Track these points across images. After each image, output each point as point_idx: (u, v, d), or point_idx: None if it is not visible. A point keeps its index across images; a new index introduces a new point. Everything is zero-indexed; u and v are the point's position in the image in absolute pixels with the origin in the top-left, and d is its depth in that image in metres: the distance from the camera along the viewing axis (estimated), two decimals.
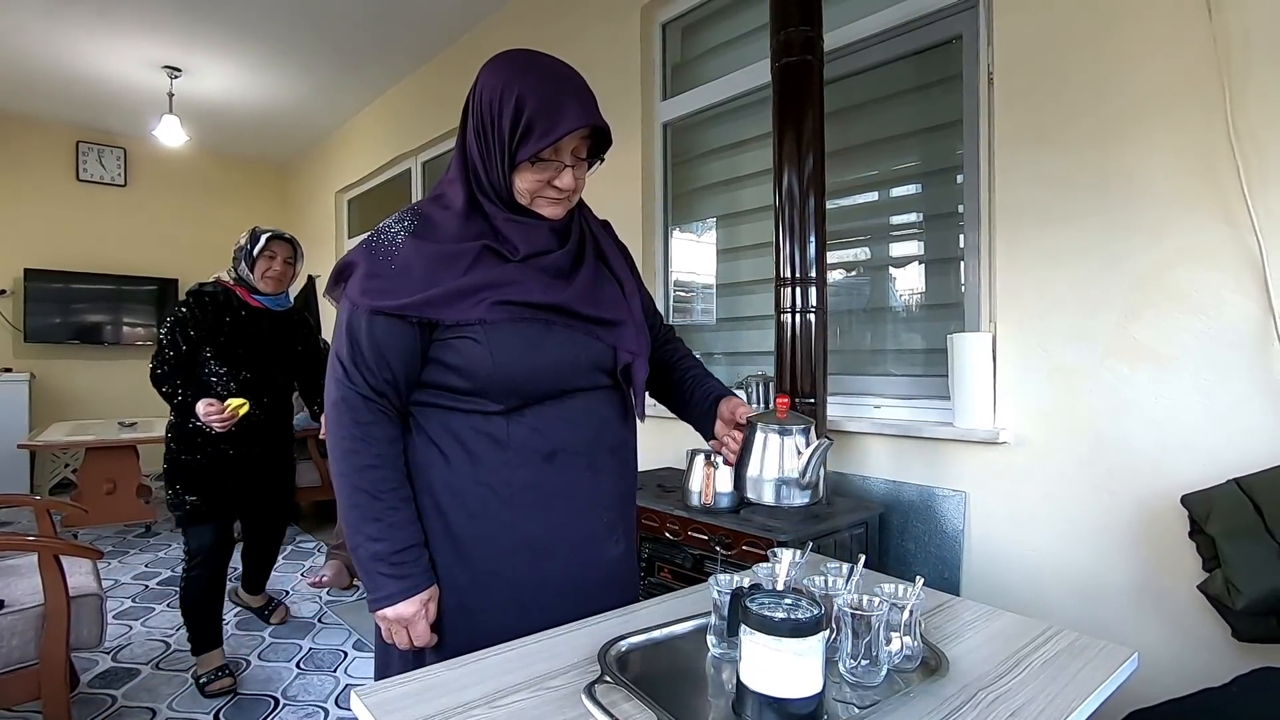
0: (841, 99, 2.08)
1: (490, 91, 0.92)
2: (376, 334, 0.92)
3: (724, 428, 1.06)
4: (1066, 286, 1.57)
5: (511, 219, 0.96)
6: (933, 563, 1.76)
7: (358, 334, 0.92)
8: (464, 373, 0.93)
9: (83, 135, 5.27)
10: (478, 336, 0.92)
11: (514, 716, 0.73)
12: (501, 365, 0.92)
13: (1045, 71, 1.60)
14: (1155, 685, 1.22)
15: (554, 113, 0.90)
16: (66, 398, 5.22)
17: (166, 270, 5.61)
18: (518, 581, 0.97)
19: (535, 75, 0.92)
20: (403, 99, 4.36)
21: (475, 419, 0.96)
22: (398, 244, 0.93)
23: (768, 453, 0.94)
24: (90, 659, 2.33)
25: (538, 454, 0.97)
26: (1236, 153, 1.32)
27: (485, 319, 0.92)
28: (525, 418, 0.96)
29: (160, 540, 3.79)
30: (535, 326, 0.95)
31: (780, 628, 0.69)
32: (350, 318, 0.93)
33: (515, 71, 0.92)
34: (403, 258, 0.92)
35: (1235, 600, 1.15)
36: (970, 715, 0.75)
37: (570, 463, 0.99)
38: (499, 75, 0.93)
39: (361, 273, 0.93)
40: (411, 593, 0.92)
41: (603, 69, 2.79)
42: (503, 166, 0.93)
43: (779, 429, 0.93)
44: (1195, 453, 1.38)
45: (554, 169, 0.94)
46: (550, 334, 0.96)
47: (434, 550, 0.97)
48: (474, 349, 0.92)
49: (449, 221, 0.95)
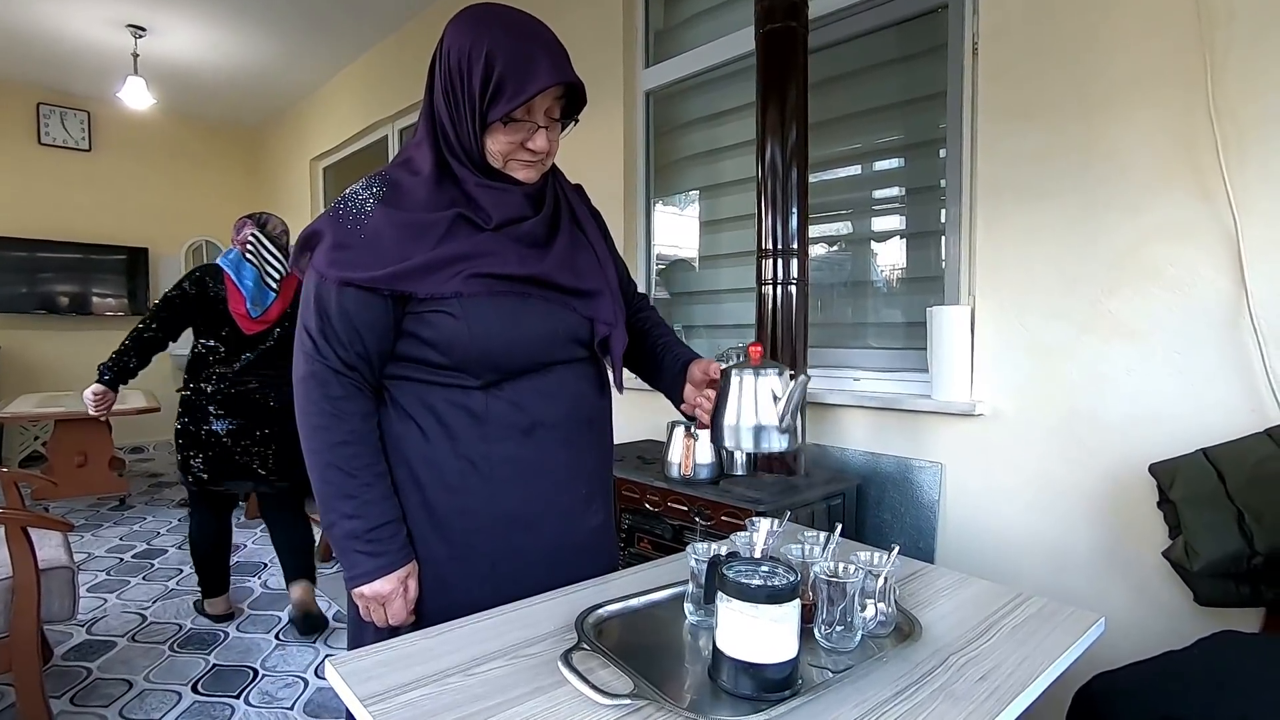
0: (825, 69, 2.05)
1: (458, 49, 0.88)
2: (347, 306, 0.88)
3: (694, 391, 1.03)
4: (1045, 262, 1.58)
5: (484, 184, 0.93)
6: (909, 533, 1.79)
7: (327, 306, 0.89)
8: (440, 347, 0.91)
9: (44, 97, 5.07)
10: (454, 311, 0.89)
11: (490, 684, 0.73)
12: (479, 340, 0.90)
13: (1030, 44, 1.58)
14: (1121, 649, 1.25)
15: (525, 70, 0.86)
16: (35, 369, 5.09)
17: (136, 239, 5.46)
18: (495, 554, 0.96)
19: (504, 30, 0.88)
20: (379, 63, 4.24)
21: (453, 393, 0.94)
22: (366, 212, 0.89)
23: (744, 398, 0.90)
24: (65, 632, 2.30)
25: (516, 428, 0.95)
26: (1216, 130, 1.32)
27: (461, 292, 0.89)
28: (504, 392, 0.94)
29: (135, 514, 3.74)
30: (512, 299, 0.92)
31: (757, 594, 0.69)
32: (318, 289, 0.89)
33: (483, 27, 0.88)
34: (372, 226, 0.89)
35: (1193, 563, 1.18)
36: (941, 678, 0.76)
37: (548, 436, 0.98)
38: (467, 31, 0.88)
39: (328, 243, 0.89)
40: (388, 569, 0.91)
41: (584, 35, 2.73)
42: (473, 127, 0.89)
43: (754, 372, 0.90)
44: (1166, 425, 1.41)
45: (527, 130, 0.91)
46: (528, 306, 0.94)
47: (411, 523, 0.95)
48: (450, 323, 0.89)
49: (418, 188, 0.92)
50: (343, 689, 0.71)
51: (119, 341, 2.30)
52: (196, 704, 1.91)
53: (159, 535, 3.39)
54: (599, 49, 2.68)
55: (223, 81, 4.86)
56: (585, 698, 0.69)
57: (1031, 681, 0.75)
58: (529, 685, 0.72)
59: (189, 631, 2.35)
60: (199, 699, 1.93)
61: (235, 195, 6.05)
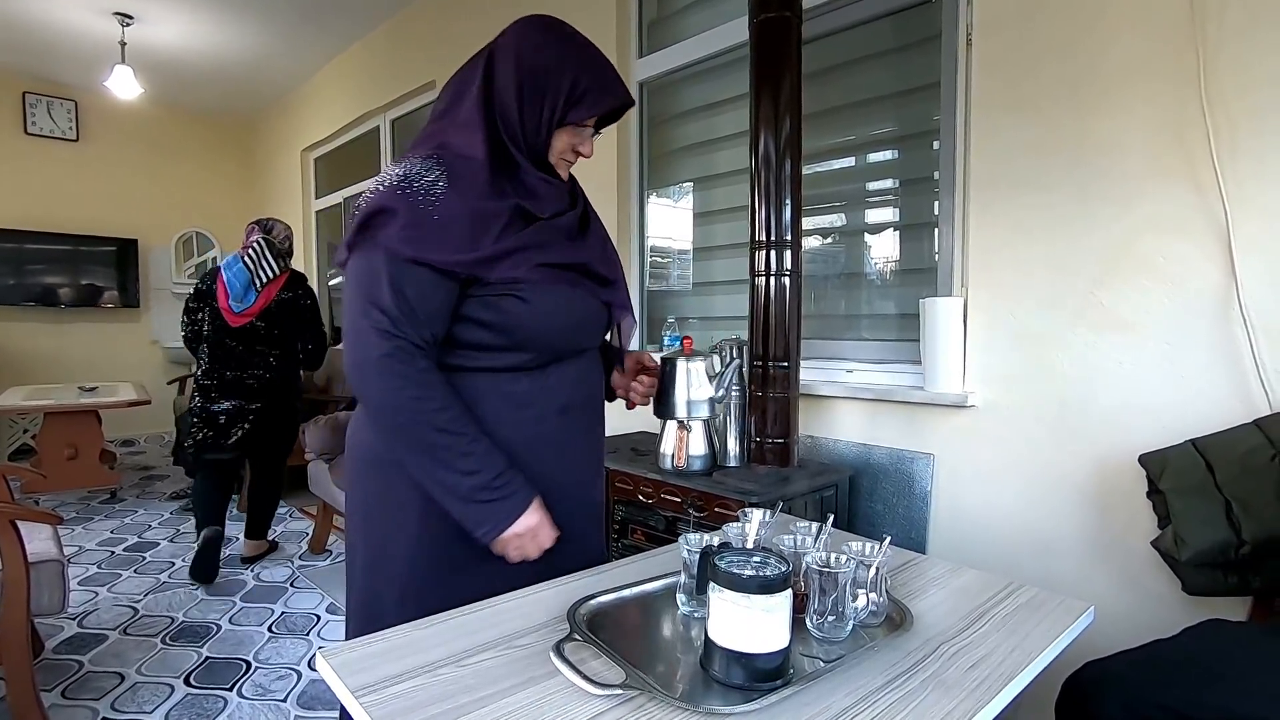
0: (819, 60, 2.04)
1: (542, 52, 0.98)
2: (423, 286, 0.91)
3: (624, 378, 1.22)
4: (1037, 253, 1.58)
5: (541, 176, 1.00)
6: (901, 523, 1.80)
7: (402, 284, 0.90)
8: (502, 330, 0.96)
9: (30, 86, 5.00)
10: (524, 294, 0.95)
11: (481, 675, 0.72)
12: (541, 321, 0.97)
13: (1024, 36, 1.58)
14: (1111, 638, 1.26)
15: (605, 86, 1.00)
16: (23, 362, 5.05)
17: (125, 230, 5.41)
18: None
19: (586, 47, 1.02)
20: (370, 53, 4.20)
21: (502, 378, 0.99)
22: (437, 193, 0.91)
23: (692, 377, 1.23)
24: (56, 625, 2.29)
25: (553, 409, 1.03)
26: (1208, 123, 1.32)
27: (531, 278, 0.96)
28: (547, 375, 1.02)
29: (126, 507, 3.73)
30: (566, 286, 1.00)
31: (748, 584, 0.69)
32: (391, 267, 0.90)
33: (568, 41, 1.01)
34: (444, 210, 0.91)
35: (1182, 552, 1.19)
36: (932, 667, 0.76)
37: (576, 417, 1.07)
38: (552, 41, 1.00)
39: (402, 221, 0.90)
40: (528, 502, 0.96)
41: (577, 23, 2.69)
42: (549, 124, 0.98)
43: (688, 359, 1.25)
44: (1156, 416, 1.42)
45: (584, 135, 1.04)
46: (575, 294, 1.02)
47: None
48: (518, 306, 0.95)
49: (478, 172, 0.95)
50: (334, 680, 0.71)
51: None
52: (189, 696, 1.90)
53: (150, 528, 3.37)
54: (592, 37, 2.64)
55: (212, 71, 4.81)
56: (577, 688, 0.69)
57: (1021, 670, 0.76)
58: (521, 676, 0.72)
59: (181, 624, 2.34)
60: (191, 691, 1.93)
61: (226, 186, 6.00)
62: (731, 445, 1.82)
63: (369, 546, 1.05)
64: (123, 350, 5.42)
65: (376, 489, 1.02)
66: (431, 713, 0.65)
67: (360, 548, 1.06)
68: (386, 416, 0.92)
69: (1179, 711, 0.86)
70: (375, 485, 1.03)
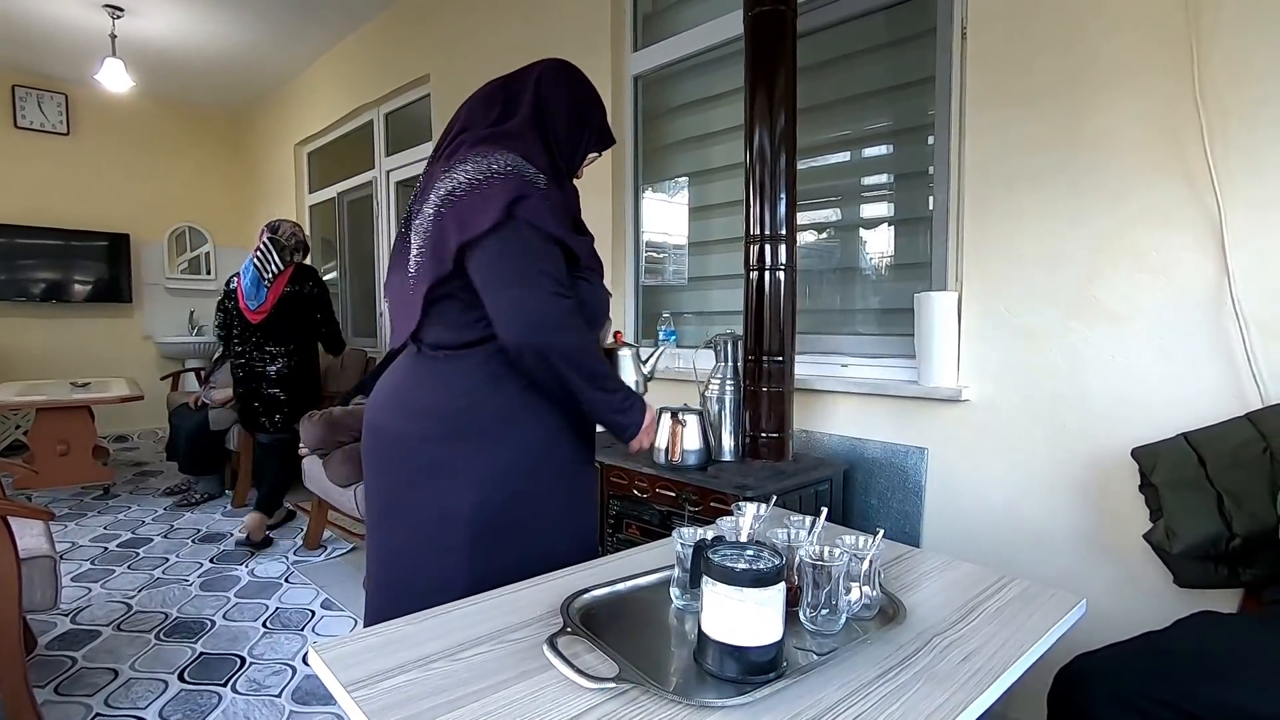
0: (814, 54, 2.04)
1: (588, 94, 1.23)
2: (559, 258, 1.08)
3: None
4: (1031, 247, 1.58)
5: (575, 192, 1.24)
6: (895, 517, 1.81)
7: (553, 255, 1.06)
8: (586, 307, 1.12)
9: (20, 79, 4.95)
10: (591, 280, 1.16)
11: (475, 669, 0.72)
12: (603, 303, 1.21)
13: (1019, 30, 1.58)
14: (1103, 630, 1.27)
15: (607, 123, 1.29)
16: (15, 358, 5.01)
17: (117, 224, 5.37)
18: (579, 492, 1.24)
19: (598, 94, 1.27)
20: (364, 46, 4.17)
21: None
22: (542, 183, 1.07)
23: (622, 364, 1.37)
24: (49, 621, 2.28)
25: None
26: (1202, 116, 1.33)
27: (592, 265, 1.19)
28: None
29: (120, 502, 3.71)
30: (599, 277, 1.22)
31: (741, 578, 0.69)
32: (541, 241, 1.05)
33: (592, 86, 1.25)
34: (553, 201, 1.08)
35: (1174, 545, 1.20)
36: (924, 660, 0.77)
37: None
38: (588, 84, 1.24)
39: (535, 202, 1.04)
40: (646, 407, 1.21)
41: (571, 18, 2.70)
42: (584, 148, 1.22)
43: (622, 347, 1.40)
44: (1149, 410, 1.42)
45: (592, 159, 1.27)
46: (601, 284, 1.23)
47: (542, 474, 1.13)
48: (589, 289, 1.15)
49: (552, 178, 1.12)
50: (326, 675, 0.71)
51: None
52: (183, 692, 1.90)
53: (144, 524, 3.36)
54: (587, 32, 2.65)
55: (204, 64, 4.77)
56: (570, 682, 0.69)
57: (1013, 662, 0.76)
58: (514, 670, 0.72)
59: (175, 620, 2.33)
60: (186, 687, 1.92)
61: (218, 180, 5.96)
62: (726, 440, 1.82)
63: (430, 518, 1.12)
64: (115, 346, 5.39)
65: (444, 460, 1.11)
66: (424, 706, 0.65)
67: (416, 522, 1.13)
68: (575, 357, 1.07)
69: (1171, 703, 0.87)
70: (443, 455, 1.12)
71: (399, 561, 1.14)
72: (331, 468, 2.63)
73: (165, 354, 5.56)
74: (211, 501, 3.73)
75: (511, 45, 3.01)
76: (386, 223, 4.22)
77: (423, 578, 1.10)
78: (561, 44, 2.74)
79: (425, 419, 1.11)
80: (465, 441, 1.08)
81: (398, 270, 1.16)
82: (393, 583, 1.16)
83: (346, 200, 4.72)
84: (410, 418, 1.13)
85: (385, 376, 1.21)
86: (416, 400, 1.13)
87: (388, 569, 1.17)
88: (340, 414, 2.74)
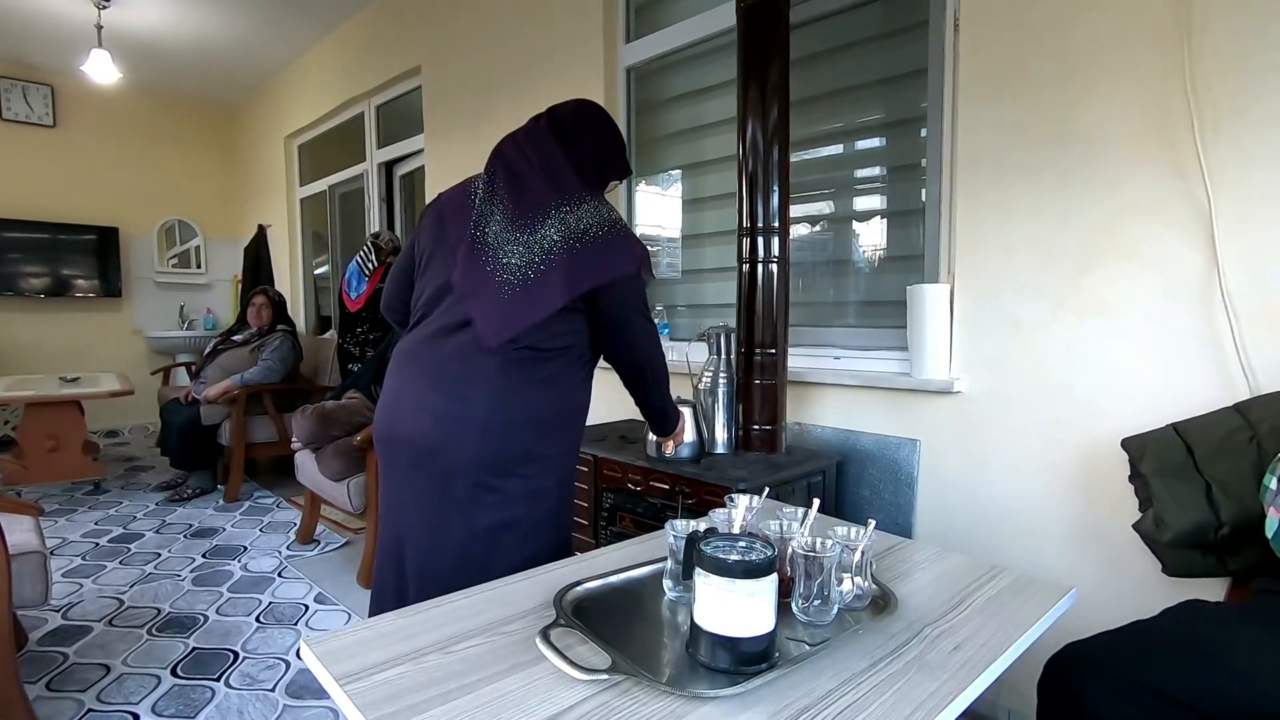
0: (807, 45, 2.03)
1: (614, 131, 1.36)
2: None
3: None
4: (1022, 239, 1.58)
5: None
6: (887, 509, 1.81)
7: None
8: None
9: (5, 70, 4.89)
10: None
11: (468, 661, 0.72)
12: None
13: (1011, 21, 1.58)
14: (1092, 619, 1.28)
15: None
16: (4, 352, 4.96)
17: (106, 218, 5.31)
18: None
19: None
20: (354, 37, 4.14)
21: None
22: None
23: None
24: (39, 617, 2.27)
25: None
26: (1192, 107, 1.33)
27: None
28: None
29: (111, 498, 3.69)
30: None
31: (734, 569, 0.69)
32: (644, 290, 1.31)
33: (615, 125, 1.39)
34: None
35: (1163, 534, 1.21)
36: (915, 649, 0.77)
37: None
38: (613, 123, 1.38)
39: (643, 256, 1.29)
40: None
41: (563, 9, 2.68)
42: (608, 180, 1.36)
43: None
44: (1138, 400, 1.43)
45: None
46: None
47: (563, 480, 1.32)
48: None
49: None
50: (318, 669, 0.71)
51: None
52: (176, 687, 1.89)
53: (136, 519, 3.34)
54: (578, 23, 2.63)
55: (193, 56, 4.72)
56: (563, 673, 0.69)
57: (1003, 652, 0.77)
58: (507, 662, 0.72)
59: (167, 615, 2.32)
60: (179, 682, 1.92)
61: (209, 173, 5.90)
62: (719, 432, 1.82)
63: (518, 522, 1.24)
64: (104, 340, 5.35)
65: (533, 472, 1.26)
66: (417, 699, 0.65)
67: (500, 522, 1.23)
68: (665, 373, 1.40)
69: (1158, 690, 0.88)
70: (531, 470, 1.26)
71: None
72: (324, 462, 2.62)
73: (155, 348, 5.52)
74: (204, 496, 3.71)
75: (503, 36, 2.99)
76: (378, 214, 4.20)
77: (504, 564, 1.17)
78: (553, 35, 2.72)
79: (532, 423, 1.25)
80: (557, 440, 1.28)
81: (476, 274, 1.22)
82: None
83: (338, 193, 4.69)
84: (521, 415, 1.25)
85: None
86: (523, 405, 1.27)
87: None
88: (333, 408, 2.73)
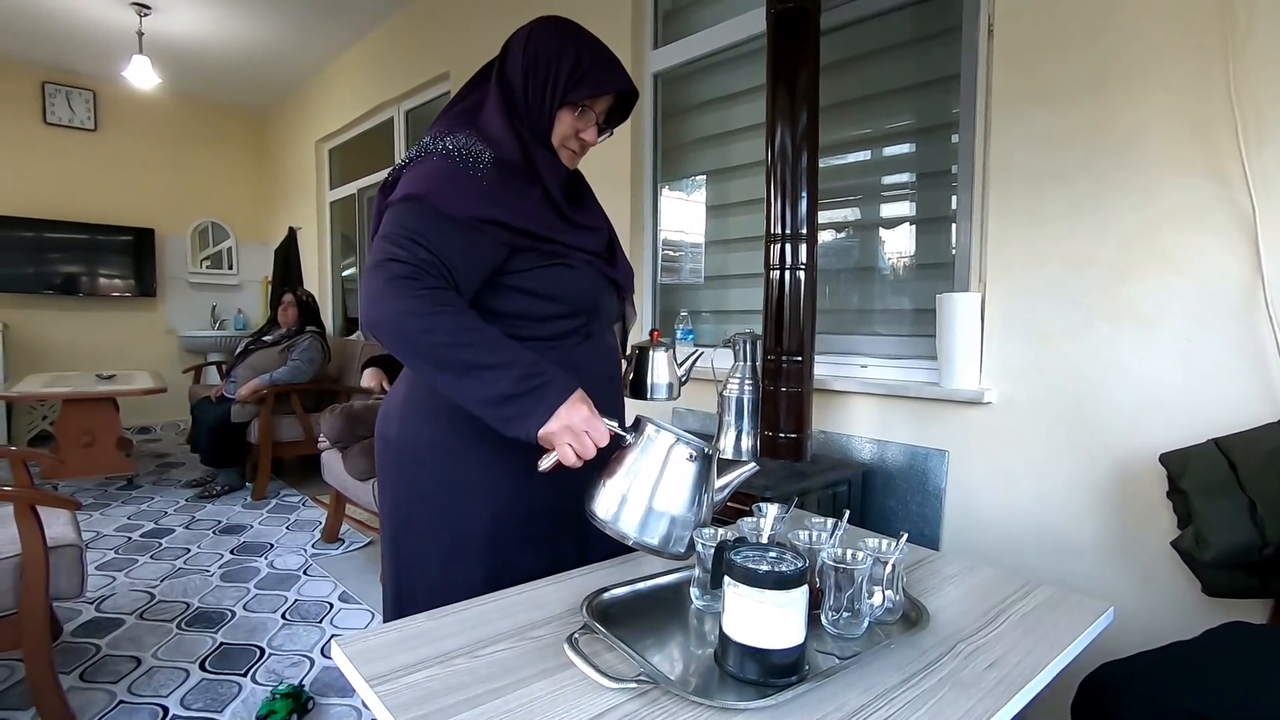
0: (837, 51, 2.02)
1: (548, 40, 1.02)
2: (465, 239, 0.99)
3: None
4: (1056, 247, 1.55)
5: (552, 161, 1.04)
6: (914, 520, 1.79)
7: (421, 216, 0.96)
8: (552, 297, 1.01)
9: (49, 76, 5.04)
10: (571, 263, 1.03)
11: (496, 666, 0.72)
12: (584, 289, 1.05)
13: (1045, 25, 1.55)
14: (1128, 639, 1.25)
15: (607, 69, 1.03)
16: (42, 349, 5.11)
17: (142, 219, 5.45)
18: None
19: (590, 39, 1.05)
20: (384, 43, 4.20)
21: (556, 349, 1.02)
22: (485, 162, 0.96)
23: (658, 364, 1.30)
24: (73, 609, 2.33)
25: (599, 376, 1.08)
26: (1236, 112, 1.29)
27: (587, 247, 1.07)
28: (591, 341, 1.09)
29: (143, 493, 3.77)
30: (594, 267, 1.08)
31: (764, 579, 0.69)
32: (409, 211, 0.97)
33: (572, 32, 1.04)
34: (489, 177, 0.96)
35: (1204, 553, 1.17)
36: (949, 666, 0.76)
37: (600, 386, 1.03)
38: (556, 33, 1.03)
39: (451, 184, 0.95)
40: (569, 389, 0.87)
41: (591, 15, 2.69)
42: (551, 105, 1.01)
43: (653, 349, 1.31)
44: (1175, 414, 1.39)
45: (588, 121, 1.05)
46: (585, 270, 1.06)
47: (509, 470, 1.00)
48: (554, 275, 1.01)
49: (513, 152, 1.00)
50: (348, 669, 0.72)
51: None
52: (204, 681, 1.92)
53: (166, 515, 3.41)
54: (606, 29, 2.62)
55: (228, 62, 4.83)
56: (591, 680, 0.69)
57: (1040, 670, 0.75)
58: (535, 667, 0.72)
59: (196, 610, 2.37)
60: (206, 677, 1.95)
61: (241, 177, 6.03)
62: (744, 440, 1.81)
63: (441, 534, 1.04)
64: (139, 339, 5.48)
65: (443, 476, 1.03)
66: (446, 703, 0.65)
67: (424, 537, 1.05)
68: (410, 330, 0.93)
69: (1200, 714, 0.85)
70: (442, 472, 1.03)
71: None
72: (350, 461, 2.66)
73: (187, 347, 5.64)
74: (232, 493, 3.79)
75: None
76: None
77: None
78: None
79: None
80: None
81: None
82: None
83: (367, 197, 4.76)
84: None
85: None
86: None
87: None
88: (360, 408, 2.77)
